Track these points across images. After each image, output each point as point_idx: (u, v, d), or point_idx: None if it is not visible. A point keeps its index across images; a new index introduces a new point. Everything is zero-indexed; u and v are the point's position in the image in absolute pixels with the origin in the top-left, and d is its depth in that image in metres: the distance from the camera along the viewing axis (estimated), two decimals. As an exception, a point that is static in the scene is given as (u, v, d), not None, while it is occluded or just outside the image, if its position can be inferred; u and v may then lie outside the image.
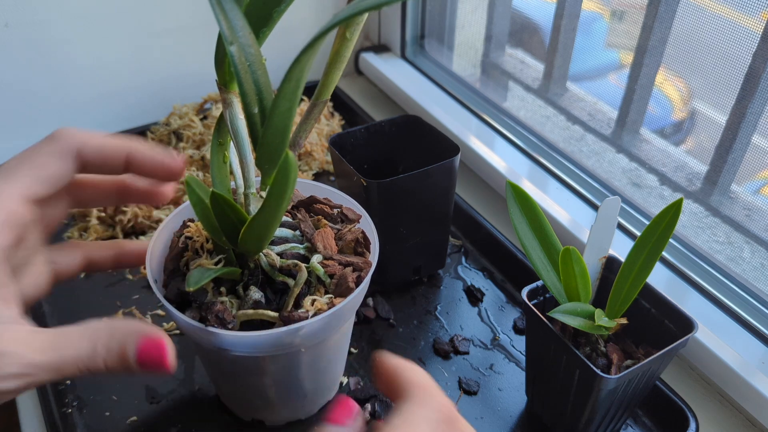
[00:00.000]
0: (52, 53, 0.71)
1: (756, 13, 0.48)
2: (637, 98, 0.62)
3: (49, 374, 0.31)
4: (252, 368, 0.41)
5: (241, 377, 0.43)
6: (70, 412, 0.48)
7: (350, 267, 0.40)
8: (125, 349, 0.33)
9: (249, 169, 0.38)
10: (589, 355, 0.42)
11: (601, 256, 0.44)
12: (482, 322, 0.56)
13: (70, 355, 0.32)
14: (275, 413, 0.46)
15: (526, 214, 0.43)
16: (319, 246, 0.40)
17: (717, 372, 0.49)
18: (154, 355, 0.33)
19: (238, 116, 0.37)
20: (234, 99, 0.36)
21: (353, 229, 0.43)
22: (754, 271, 0.53)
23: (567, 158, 0.69)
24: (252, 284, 0.39)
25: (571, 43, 0.68)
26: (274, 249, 0.40)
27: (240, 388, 0.44)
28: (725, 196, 0.57)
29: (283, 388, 0.44)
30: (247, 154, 0.37)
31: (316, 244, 0.40)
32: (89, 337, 0.32)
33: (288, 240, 0.41)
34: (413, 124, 0.58)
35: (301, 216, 0.43)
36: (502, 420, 0.48)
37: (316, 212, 0.44)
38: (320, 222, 0.43)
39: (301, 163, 0.73)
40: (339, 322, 0.41)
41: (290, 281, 0.39)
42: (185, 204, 0.45)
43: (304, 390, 0.45)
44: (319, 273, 0.39)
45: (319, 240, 0.41)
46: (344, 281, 0.39)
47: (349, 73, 0.95)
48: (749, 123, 0.51)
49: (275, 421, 0.47)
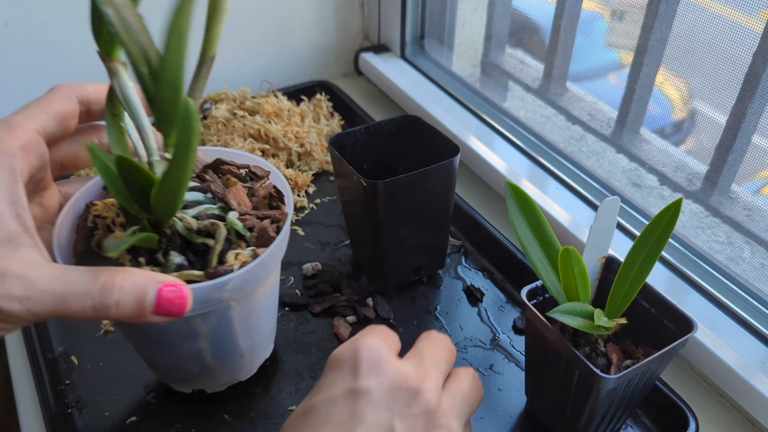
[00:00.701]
0: (52, 53, 0.71)
1: (756, 13, 0.48)
2: (637, 98, 0.62)
3: (52, 302, 0.31)
4: (185, 332, 0.41)
5: (176, 344, 0.42)
6: (70, 412, 0.48)
7: (268, 219, 0.41)
8: (144, 294, 0.33)
9: (148, 136, 0.37)
10: (589, 355, 0.42)
11: (601, 256, 0.44)
12: (482, 322, 0.56)
13: (78, 288, 0.32)
14: (215, 378, 0.47)
15: (526, 214, 0.43)
16: (233, 203, 0.41)
17: (717, 372, 0.49)
18: (174, 301, 0.33)
19: (127, 83, 0.36)
20: (119, 67, 0.36)
21: (264, 185, 0.44)
22: (754, 271, 0.53)
23: (567, 158, 0.69)
24: (171, 249, 0.39)
25: (571, 43, 0.68)
26: (188, 213, 0.40)
27: (176, 358, 0.44)
28: (725, 196, 0.57)
29: (219, 349, 0.44)
30: (143, 121, 0.37)
31: (229, 201, 0.41)
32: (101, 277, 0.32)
33: (200, 202, 0.42)
34: (413, 124, 0.58)
35: (210, 177, 0.43)
36: (502, 420, 0.48)
37: (224, 173, 0.45)
38: (230, 181, 0.43)
39: (300, 163, 0.73)
40: (266, 273, 0.42)
41: (210, 241, 0.39)
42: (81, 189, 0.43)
43: (239, 348, 0.45)
44: (238, 228, 0.40)
45: (231, 197, 0.41)
46: (264, 232, 0.40)
47: (349, 73, 0.95)
48: (749, 123, 0.51)
49: (217, 387, 0.48)
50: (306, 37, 0.89)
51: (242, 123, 0.72)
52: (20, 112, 0.37)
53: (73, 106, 0.39)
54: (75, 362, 0.51)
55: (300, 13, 0.86)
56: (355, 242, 0.61)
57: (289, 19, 0.86)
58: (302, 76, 0.90)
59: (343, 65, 0.94)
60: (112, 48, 0.35)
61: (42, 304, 0.31)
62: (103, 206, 0.41)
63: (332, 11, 0.88)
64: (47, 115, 0.37)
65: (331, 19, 0.89)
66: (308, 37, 0.89)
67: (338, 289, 0.58)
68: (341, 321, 0.55)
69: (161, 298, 0.33)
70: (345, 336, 0.54)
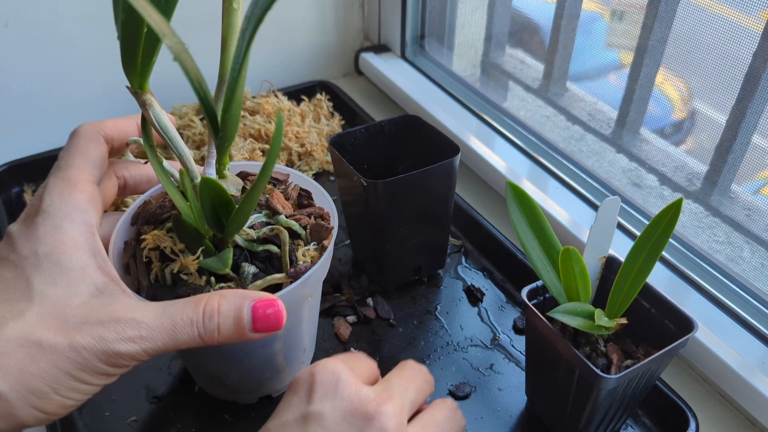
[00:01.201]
0: (52, 53, 0.71)
1: (756, 13, 0.48)
2: (637, 98, 0.62)
3: (164, 338, 0.32)
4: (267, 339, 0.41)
5: (254, 353, 0.43)
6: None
7: (312, 216, 0.44)
8: (241, 313, 0.33)
9: (189, 160, 0.38)
10: (589, 355, 0.42)
11: (601, 256, 0.44)
12: (482, 322, 0.56)
13: (182, 318, 0.33)
14: (282, 380, 0.47)
15: (526, 214, 0.43)
16: (279, 207, 0.42)
17: (717, 372, 0.49)
18: (271, 316, 0.34)
19: (163, 113, 0.37)
20: (152, 98, 0.36)
21: (292, 187, 0.46)
22: (754, 271, 0.53)
23: (567, 158, 0.69)
24: (241, 262, 0.40)
25: (571, 43, 0.68)
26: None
27: (251, 368, 0.45)
28: (725, 196, 0.57)
29: (289, 349, 0.45)
30: (182, 148, 0.38)
31: (275, 206, 0.42)
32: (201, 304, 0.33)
33: None
34: (413, 124, 0.58)
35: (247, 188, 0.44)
36: (502, 420, 0.48)
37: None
38: (267, 188, 0.44)
39: (301, 163, 0.73)
40: (329, 262, 0.43)
41: (272, 248, 0.40)
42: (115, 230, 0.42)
43: (303, 343, 0.46)
44: (295, 228, 0.42)
45: (276, 203, 0.42)
46: (319, 226, 0.42)
47: (349, 73, 0.95)
48: (749, 123, 0.51)
49: (281, 389, 0.48)
50: (306, 37, 0.89)
51: (243, 123, 0.72)
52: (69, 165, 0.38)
53: (104, 148, 0.40)
54: (75, 362, 0.51)
55: (300, 13, 0.86)
56: (355, 242, 0.61)
57: (289, 19, 0.86)
58: (302, 76, 0.90)
59: (344, 65, 0.94)
60: (145, 81, 0.36)
61: (155, 341, 0.32)
62: (153, 238, 0.41)
63: (332, 11, 0.88)
64: (92, 164, 0.39)
65: (331, 19, 0.89)
66: (308, 37, 0.89)
67: (338, 289, 0.58)
68: (341, 321, 0.55)
69: (257, 315, 0.34)
70: (345, 336, 0.54)
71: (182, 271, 0.39)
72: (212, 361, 0.45)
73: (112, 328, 0.31)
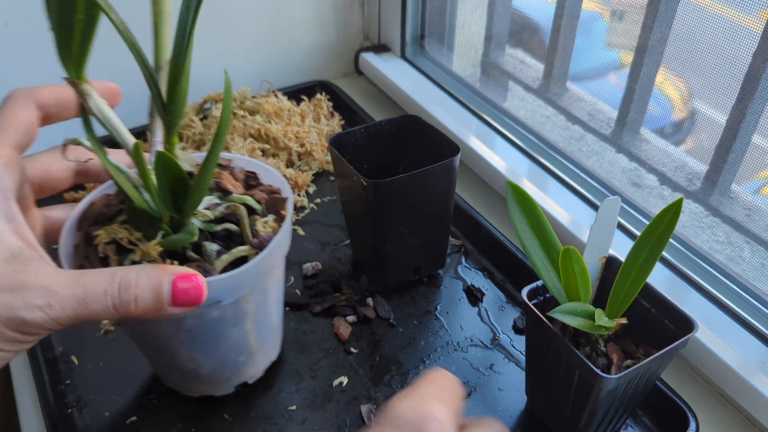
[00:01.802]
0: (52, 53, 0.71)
1: (756, 13, 0.48)
2: (637, 98, 0.62)
3: (74, 307, 0.31)
4: (236, 317, 0.42)
5: (226, 333, 0.43)
6: (70, 412, 0.48)
7: (264, 192, 0.45)
8: (161, 286, 0.33)
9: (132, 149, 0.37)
10: (589, 355, 0.42)
11: (601, 256, 0.44)
12: (482, 322, 0.56)
13: (95, 289, 0.32)
14: (257, 364, 0.47)
15: (526, 214, 0.43)
16: (230, 187, 0.43)
17: (717, 372, 0.49)
18: (190, 290, 0.34)
19: (103, 102, 0.36)
20: (90, 88, 0.36)
21: (239, 170, 0.46)
22: (754, 271, 0.53)
23: (567, 158, 0.69)
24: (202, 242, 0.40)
25: (571, 43, 0.68)
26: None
27: (225, 351, 0.44)
28: (725, 196, 0.57)
29: (260, 327, 0.45)
30: (126, 136, 0.37)
31: (226, 186, 0.43)
32: (118, 275, 0.33)
33: None
34: (413, 124, 0.58)
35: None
36: (502, 420, 0.48)
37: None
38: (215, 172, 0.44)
39: (301, 163, 0.73)
40: (290, 231, 0.44)
41: (230, 225, 0.41)
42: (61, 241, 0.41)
43: (272, 323, 0.46)
44: (250, 203, 0.43)
45: (226, 183, 0.43)
46: (274, 198, 0.44)
47: (349, 73, 0.95)
48: (749, 123, 0.51)
49: (257, 374, 0.48)
50: (306, 37, 0.89)
51: (242, 123, 0.72)
52: None
53: (34, 114, 0.38)
54: (75, 362, 0.51)
55: (300, 12, 0.86)
56: (355, 242, 0.61)
57: (289, 18, 0.86)
58: (302, 76, 0.90)
59: (344, 65, 0.94)
60: (81, 70, 0.35)
61: (64, 310, 0.31)
62: (107, 232, 0.40)
63: (332, 11, 0.88)
64: (15, 129, 0.36)
65: (331, 19, 0.89)
66: (308, 36, 0.89)
67: (338, 289, 0.58)
68: (341, 321, 0.55)
69: (177, 290, 0.33)
70: (345, 336, 0.54)
71: (144, 258, 0.38)
72: (185, 351, 0.44)
73: (19, 296, 0.30)
